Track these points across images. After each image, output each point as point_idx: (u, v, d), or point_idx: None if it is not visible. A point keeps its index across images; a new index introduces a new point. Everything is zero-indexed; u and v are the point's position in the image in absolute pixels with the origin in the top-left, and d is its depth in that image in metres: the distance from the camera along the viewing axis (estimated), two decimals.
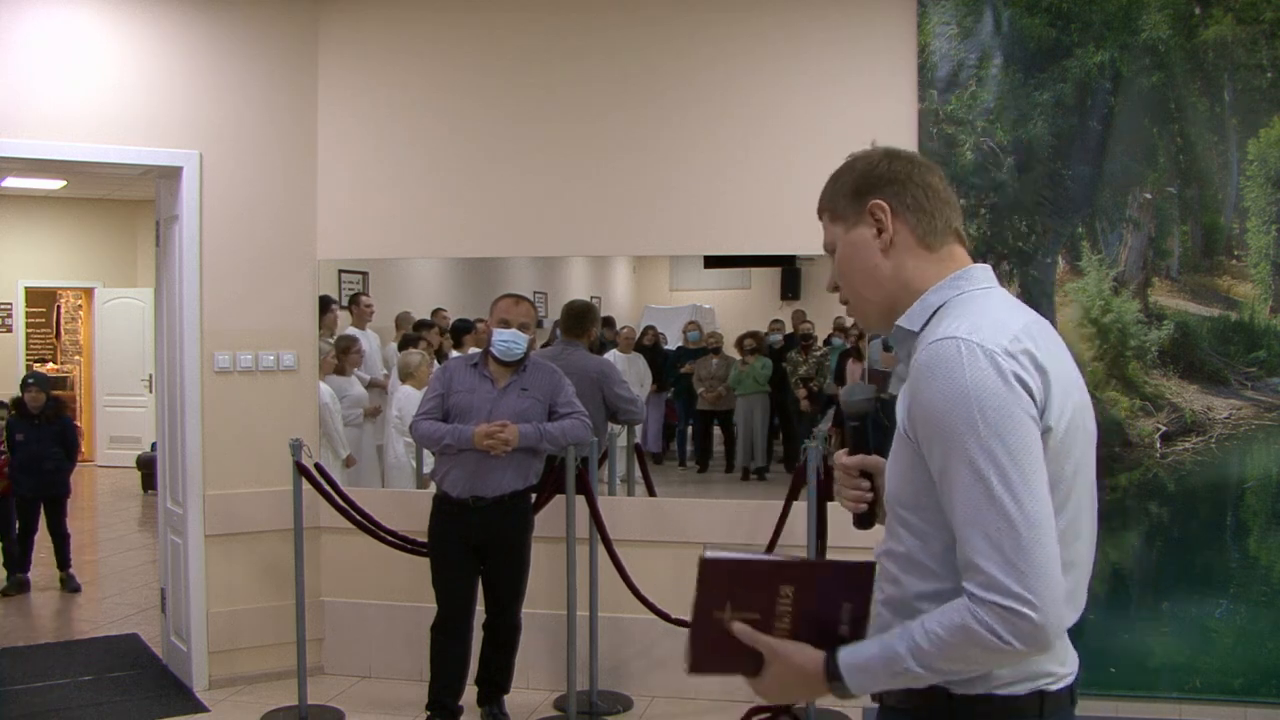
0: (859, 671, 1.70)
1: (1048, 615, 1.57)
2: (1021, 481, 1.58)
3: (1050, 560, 1.58)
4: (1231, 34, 4.91)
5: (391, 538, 5.26)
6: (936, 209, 1.84)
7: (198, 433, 5.43)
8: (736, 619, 1.75)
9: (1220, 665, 4.93)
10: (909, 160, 1.88)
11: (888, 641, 1.68)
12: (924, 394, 1.65)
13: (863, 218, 1.85)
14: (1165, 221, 5.04)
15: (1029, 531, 1.57)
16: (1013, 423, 1.59)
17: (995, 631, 1.57)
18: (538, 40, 5.54)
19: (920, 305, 1.81)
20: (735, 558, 1.76)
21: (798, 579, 1.75)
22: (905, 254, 1.83)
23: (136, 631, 6.55)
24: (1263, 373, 4.98)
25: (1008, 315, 1.72)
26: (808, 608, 1.75)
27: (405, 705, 5.24)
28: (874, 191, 1.85)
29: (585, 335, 5.59)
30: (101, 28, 5.23)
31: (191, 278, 5.40)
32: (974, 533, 1.58)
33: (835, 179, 1.91)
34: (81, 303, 14.93)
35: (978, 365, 1.61)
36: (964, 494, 1.60)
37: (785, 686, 1.79)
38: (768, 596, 1.74)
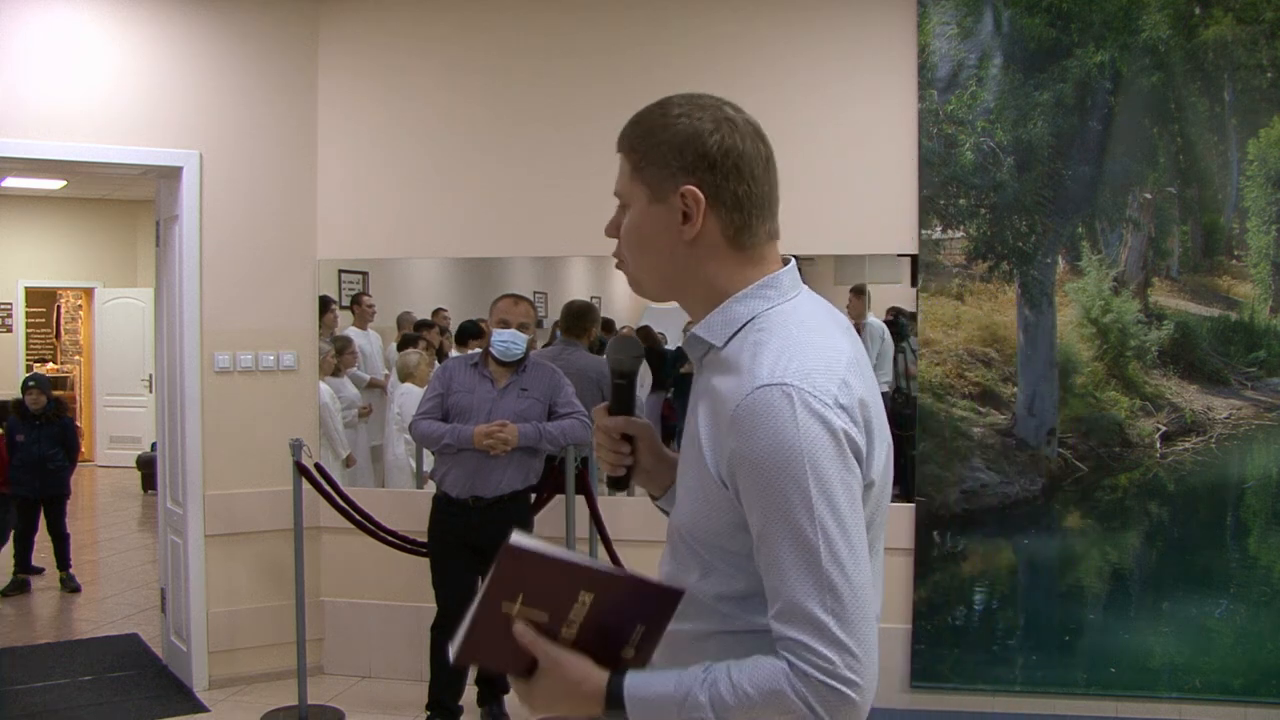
0: (644, 705, 1.56)
1: (868, 693, 1.49)
2: (848, 551, 1.48)
3: (872, 633, 1.51)
4: (1231, 34, 4.91)
5: (391, 538, 5.26)
6: (757, 208, 1.63)
7: (198, 433, 5.44)
8: (524, 615, 1.60)
9: (1220, 665, 4.93)
10: (743, 139, 1.63)
11: (685, 683, 1.54)
12: (749, 447, 1.50)
13: (670, 197, 1.62)
14: (1165, 221, 5.04)
15: (854, 604, 1.47)
16: (843, 488, 1.49)
17: (811, 707, 1.47)
18: (538, 40, 5.54)
19: (723, 316, 1.63)
20: (541, 550, 1.60)
21: (600, 587, 1.61)
22: (709, 251, 1.63)
23: (136, 631, 6.55)
24: (1263, 373, 4.98)
25: (830, 345, 1.57)
26: (601, 620, 1.61)
27: (405, 705, 5.24)
28: (692, 173, 1.60)
29: (585, 335, 5.59)
30: (102, 28, 5.23)
31: (191, 277, 5.40)
32: (797, 603, 1.47)
33: (652, 128, 1.65)
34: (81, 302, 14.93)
35: (810, 425, 1.47)
36: (788, 561, 1.48)
37: (554, 699, 1.63)
38: (564, 598, 1.60)
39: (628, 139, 1.69)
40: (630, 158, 1.68)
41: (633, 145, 1.68)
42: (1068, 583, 5.08)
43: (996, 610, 5.13)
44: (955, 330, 5.13)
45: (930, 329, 5.14)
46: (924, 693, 5.11)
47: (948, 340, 5.13)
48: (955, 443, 5.11)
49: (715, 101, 1.67)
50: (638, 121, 1.69)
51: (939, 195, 5.12)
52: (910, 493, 5.14)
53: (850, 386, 1.54)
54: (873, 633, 1.51)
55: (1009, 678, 5.08)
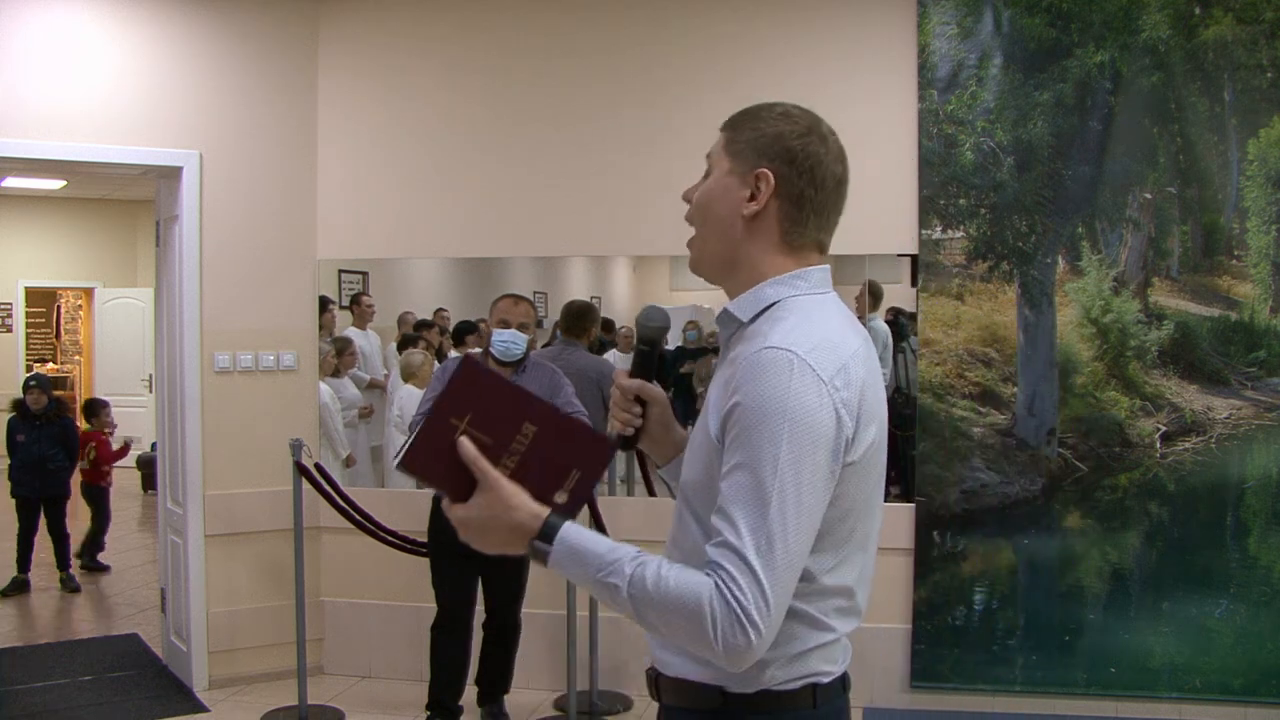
0: (570, 553, 1.65)
1: (760, 647, 1.56)
2: (796, 516, 1.57)
3: (786, 598, 1.58)
4: (1231, 34, 4.91)
5: (391, 538, 5.26)
6: (815, 214, 1.77)
7: (198, 433, 5.43)
8: (469, 433, 1.66)
9: (1220, 665, 4.93)
10: (827, 152, 1.78)
11: (618, 552, 1.63)
12: (743, 393, 1.61)
13: (747, 175, 1.77)
14: (1165, 221, 5.04)
15: (785, 563, 1.56)
16: (814, 458, 1.58)
17: (716, 627, 1.54)
18: (538, 40, 5.54)
19: (754, 296, 1.77)
20: (495, 371, 1.66)
21: (544, 422, 1.69)
22: (761, 234, 1.77)
23: (136, 631, 6.55)
24: (1263, 373, 4.98)
25: (841, 335, 1.69)
26: (541, 455, 1.68)
27: (405, 705, 5.24)
28: (772, 160, 1.75)
29: (585, 335, 5.59)
30: (102, 28, 5.23)
31: (191, 277, 5.40)
32: (736, 542, 1.56)
33: (757, 115, 1.81)
34: (81, 302, 14.94)
35: (805, 385, 1.58)
36: (741, 501, 1.57)
37: (485, 524, 1.69)
38: (509, 426, 1.67)
39: (732, 117, 1.85)
40: (728, 132, 1.83)
41: (734, 123, 1.83)
42: (1068, 583, 5.08)
43: (996, 610, 5.13)
44: (955, 330, 5.13)
45: (930, 329, 5.14)
46: (924, 693, 5.11)
47: (948, 340, 5.13)
48: (955, 443, 5.11)
49: (817, 117, 1.83)
50: (747, 108, 1.85)
51: (939, 195, 5.12)
52: (910, 493, 5.15)
53: (849, 372, 1.65)
54: (787, 598, 1.58)
55: (1009, 678, 5.07)
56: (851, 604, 1.76)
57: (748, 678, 1.69)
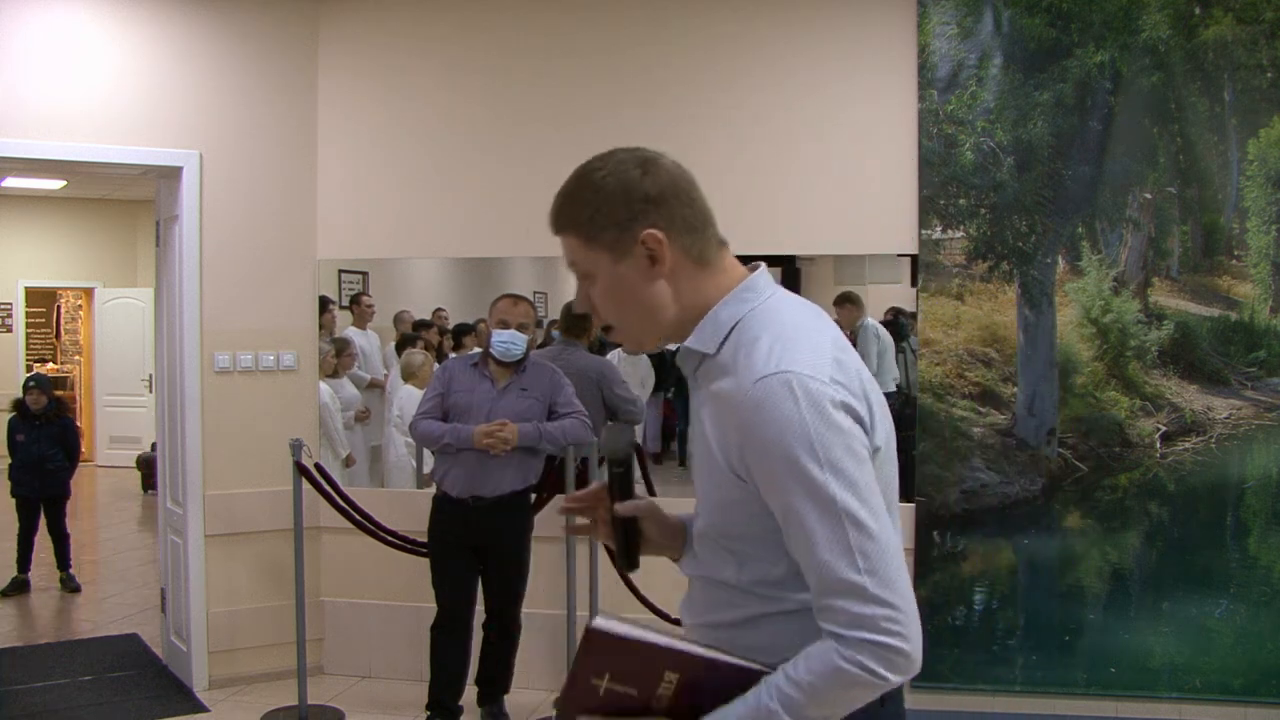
0: None
1: (916, 643, 1.55)
2: (868, 512, 1.55)
3: (906, 585, 1.56)
4: (1231, 34, 4.91)
5: (391, 538, 5.26)
6: (703, 225, 1.75)
7: (198, 433, 5.44)
8: (612, 689, 1.68)
9: (1220, 665, 4.93)
10: (666, 171, 1.74)
11: (750, 700, 1.60)
12: (758, 437, 1.58)
13: (633, 249, 1.71)
14: (1165, 221, 5.04)
15: (884, 562, 1.54)
16: (851, 455, 1.57)
17: (869, 669, 1.53)
18: (538, 40, 5.54)
19: (711, 324, 1.72)
20: (623, 634, 1.67)
21: (684, 668, 1.68)
22: (681, 277, 1.73)
23: (136, 631, 6.55)
24: (1263, 373, 4.98)
25: (815, 331, 1.68)
26: (690, 696, 1.68)
27: (405, 705, 5.24)
28: (643, 219, 1.70)
29: (584, 335, 5.59)
30: (102, 27, 5.23)
31: (191, 277, 5.40)
32: (831, 574, 1.54)
33: (585, 199, 1.74)
34: (81, 302, 14.94)
35: (812, 404, 1.56)
36: (815, 537, 1.55)
37: None
38: (650, 678, 1.67)
39: (564, 218, 1.77)
40: (576, 234, 1.75)
41: (572, 221, 1.76)
42: (1068, 583, 5.08)
43: (996, 610, 5.13)
44: (955, 330, 5.13)
45: (930, 329, 5.14)
46: (924, 693, 5.11)
47: (948, 340, 5.13)
48: (955, 443, 5.10)
49: (628, 150, 1.78)
50: (567, 199, 1.77)
51: (939, 195, 5.12)
52: (910, 493, 5.14)
53: (842, 363, 1.64)
54: (907, 585, 1.56)
55: (1009, 678, 5.08)
56: None
57: None
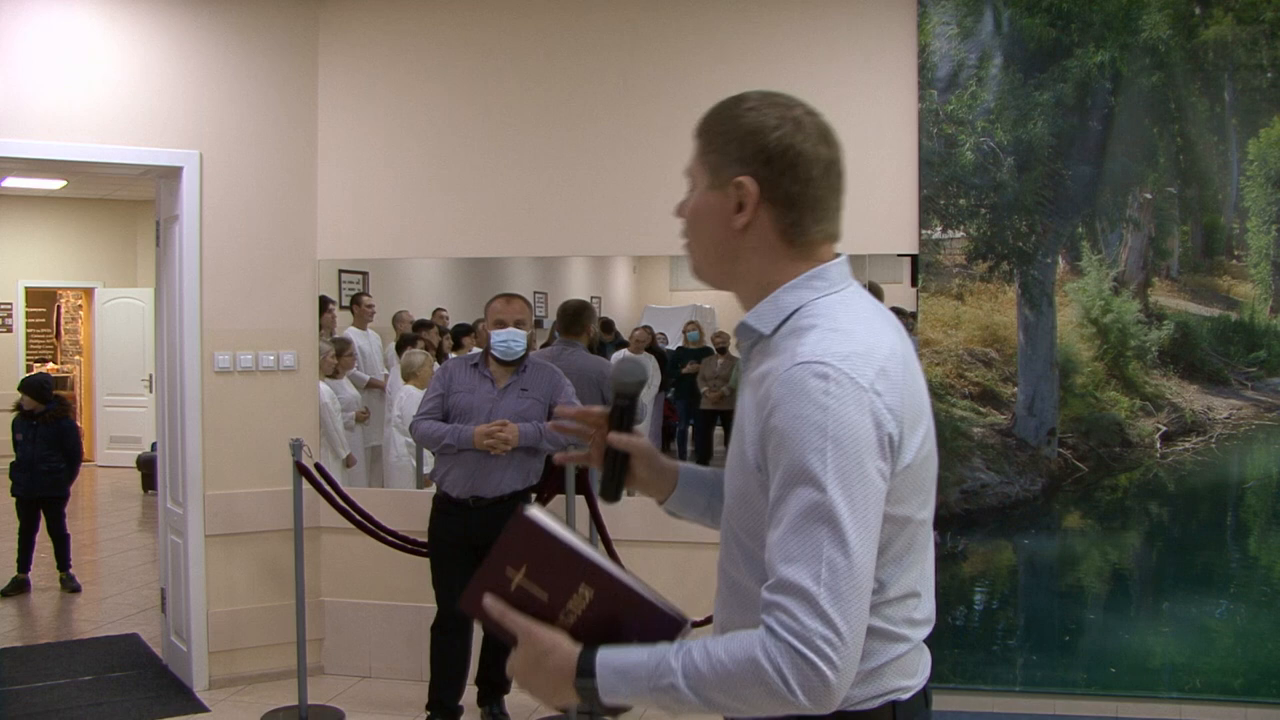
0: (616, 675, 1.54)
1: (843, 679, 1.45)
2: (855, 528, 1.47)
3: (861, 624, 1.47)
4: (1232, 34, 4.91)
5: (392, 538, 5.26)
6: (810, 209, 1.65)
7: (198, 433, 5.43)
8: (524, 586, 1.61)
9: (1220, 665, 4.93)
10: (806, 139, 1.65)
11: (660, 651, 1.52)
12: (778, 418, 1.51)
13: (725, 186, 1.65)
14: (1165, 221, 5.04)
15: (850, 583, 1.45)
16: (862, 472, 1.48)
17: (784, 677, 1.44)
18: (538, 41, 5.54)
19: (773, 305, 1.66)
20: (553, 531, 1.61)
21: (601, 586, 1.61)
22: (760, 243, 1.66)
23: (136, 631, 6.55)
24: (1263, 373, 4.98)
25: (874, 335, 1.59)
26: (599, 619, 1.61)
27: (405, 705, 5.24)
28: (748, 165, 1.64)
29: (583, 333, 5.60)
30: (102, 27, 5.23)
31: (191, 278, 5.40)
32: (789, 573, 1.46)
33: (722, 116, 1.69)
34: (81, 303, 14.93)
35: (844, 398, 1.49)
36: (792, 529, 1.48)
37: (529, 668, 1.62)
38: (565, 586, 1.61)
39: (700, 124, 1.73)
40: (699, 142, 1.72)
41: (702, 130, 1.72)
42: (1068, 583, 5.08)
43: (996, 610, 5.13)
44: (955, 330, 5.13)
45: (930, 329, 5.14)
46: None
47: (948, 340, 5.13)
48: (955, 443, 5.10)
49: (789, 100, 1.70)
50: (713, 109, 1.72)
51: (939, 195, 5.12)
52: None
53: (888, 374, 1.55)
54: (861, 621, 1.48)
55: (1009, 678, 5.08)
56: (920, 608, 1.69)
57: None
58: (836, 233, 1.71)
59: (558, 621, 1.62)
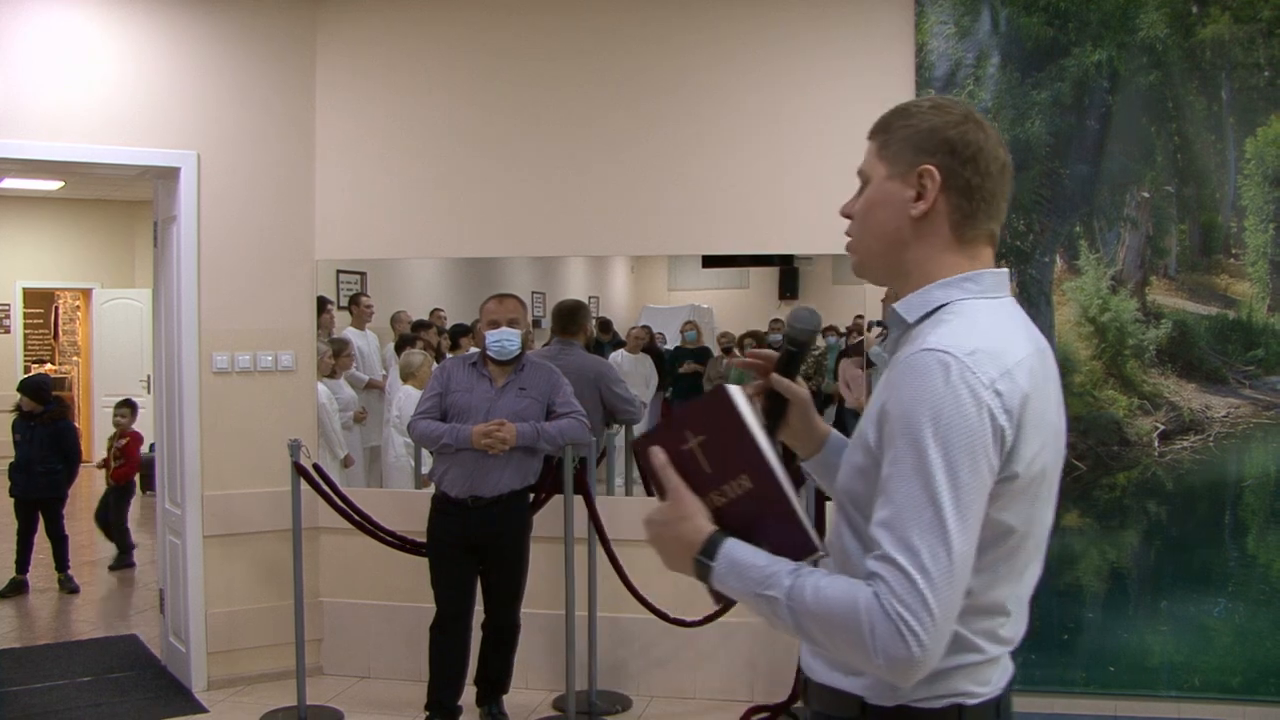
0: (731, 567, 1.63)
1: (925, 658, 1.49)
2: (957, 523, 1.50)
3: (953, 608, 1.51)
4: (1229, 33, 4.91)
5: (390, 538, 5.26)
6: (984, 202, 1.72)
7: (196, 433, 5.43)
8: (694, 452, 1.69)
9: (1219, 664, 4.93)
10: (986, 137, 1.73)
11: (777, 564, 1.60)
12: (895, 399, 1.56)
13: (909, 174, 1.71)
14: (1163, 220, 5.04)
15: (945, 573, 1.49)
16: (973, 459, 1.52)
17: (876, 636, 1.48)
18: (535, 41, 5.53)
19: (922, 297, 1.71)
20: (742, 413, 1.66)
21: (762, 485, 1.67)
22: (931, 232, 1.71)
23: (135, 632, 6.55)
24: (1261, 371, 4.98)
25: (1008, 341, 1.63)
26: (743, 512, 1.67)
27: (404, 705, 5.24)
28: (932, 155, 1.69)
29: (580, 333, 5.60)
30: (99, 28, 5.22)
31: (189, 278, 5.40)
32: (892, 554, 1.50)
33: (905, 116, 1.75)
34: (79, 304, 14.92)
35: (959, 389, 1.52)
36: (898, 506, 1.52)
37: (661, 532, 1.73)
38: (732, 468, 1.67)
39: (877, 124, 1.79)
40: (879, 137, 1.77)
41: (880, 128, 1.77)
42: (1066, 581, 5.08)
43: None
44: None
45: None
46: None
47: None
48: None
49: (969, 105, 1.79)
50: (893, 112, 1.78)
51: None
52: None
53: (1013, 378, 1.58)
54: (954, 608, 1.52)
55: None
56: (1007, 627, 1.70)
57: (888, 690, 1.64)
58: (999, 233, 1.78)
59: (707, 497, 1.69)
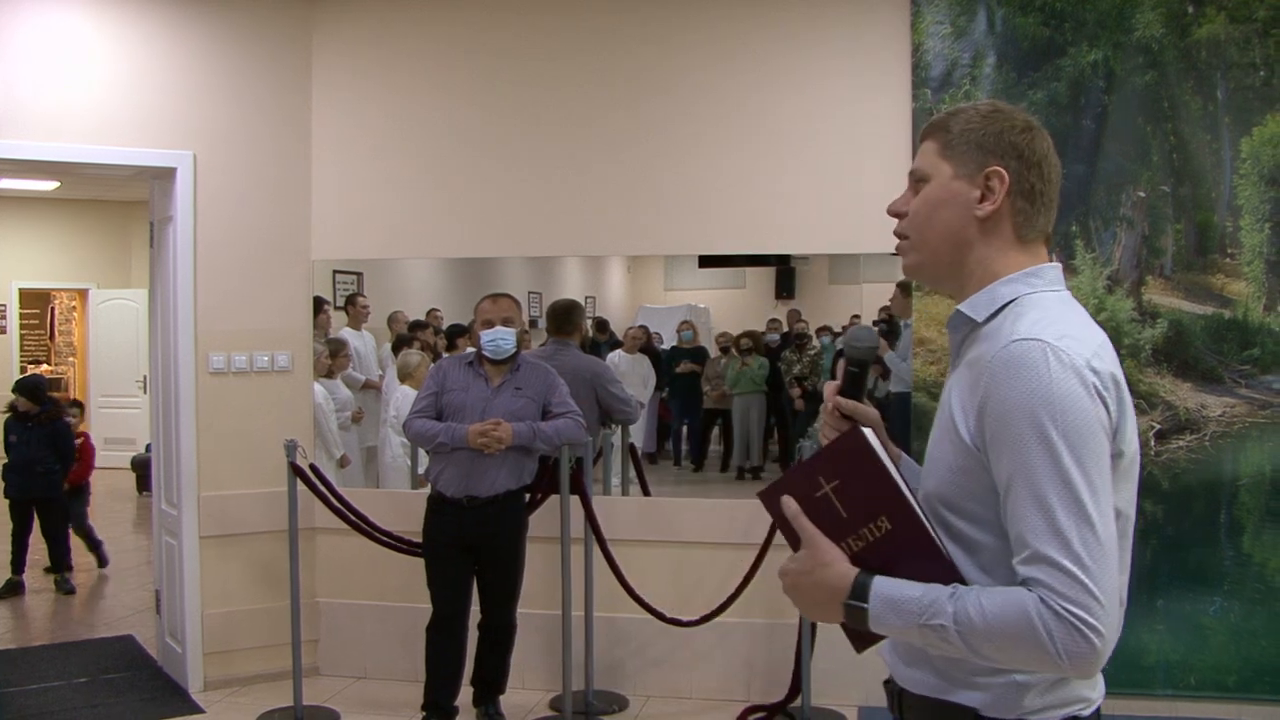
0: (888, 605, 1.59)
1: (1106, 646, 1.51)
2: (1094, 503, 1.51)
3: (1116, 588, 1.53)
4: (1224, 33, 4.92)
5: (386, 538, 5.26)
6: (1044, 204, 1.77)
7: (192, 434, 5.43)
8: (830, 498, 1.66)
9: (1214, 663, 4.94)
10: (1047, 144, 1.78)
11: (934, 591, 1.57)
12: (1002, 392, 1.56)
13: (976, 175, 1.74)
14: (1159, 220, 5.04)
15: (1099, 555, 1.50)
16: (1094, 439, 1.53)
17: (1054, 639, 1.48)
18: (531, 41, 5.53)
19: (988, 295, 1.73)
20: (880, 455, 1.64)
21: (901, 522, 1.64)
22: (995, 235, 1.74)
23: (131, 633, 6.54)
24: (1256, 370, 4.99)
25: (1085, 329, 1.66)
26: (884, 552, 1.64)
27: (401, 706, 5.23)
28: (1001, 158, 1.73)
29: (575, 332, 5.60)
30: (95, 29, 5.22)
31: (186, 278, 5.40)
32: (1044, 552, 1.50)
33: (968, 118, 1.77)
34: (76, 304, 14.92)
35: (1064, 373, 1.54)
36: (1036, 510, 1.51)
37: (800, 581, 1.68)
38: (869, 511, 1.65)
39: (941, 122, 1.80)
40: (940, 137, 1.79)
41: (945, 126, 1.79)
42: None
43: None
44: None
45: (924, 328, 5.15)
46: None
47: (942, 339, 5.13)
48: None
49: (1024, 111, 1.82)
50: (953, 113, 1.81)
51: None
52: None
53: (1102, 359, 1.61)
54: (1117, 589, 1.53)
55: None
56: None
57: (1008, 702, 1.64)
58: (1051, 231, 1.83)
59: (844, 542, 1.67)
